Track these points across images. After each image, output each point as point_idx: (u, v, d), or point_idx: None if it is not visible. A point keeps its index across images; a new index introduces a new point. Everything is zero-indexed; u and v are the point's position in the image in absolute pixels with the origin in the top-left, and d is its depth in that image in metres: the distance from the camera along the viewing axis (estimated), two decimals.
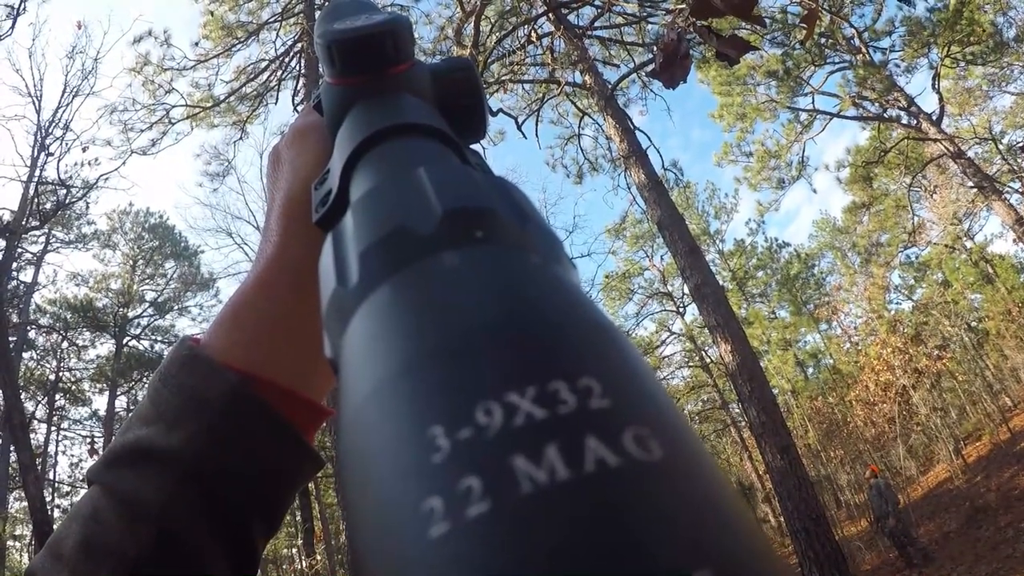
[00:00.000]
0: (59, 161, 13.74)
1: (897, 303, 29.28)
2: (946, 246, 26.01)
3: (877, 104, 20.23)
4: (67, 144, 14.06)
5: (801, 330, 30.76)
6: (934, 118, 19.20)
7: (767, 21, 16.55)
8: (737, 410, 23.89)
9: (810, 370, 30.99)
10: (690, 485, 0.12)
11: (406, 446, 0.13)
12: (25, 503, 24.45)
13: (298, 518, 18.05)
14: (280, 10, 16.39)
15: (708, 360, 26.32)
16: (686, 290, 15.50)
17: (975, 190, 19.92)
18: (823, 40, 19.13)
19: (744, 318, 26.98)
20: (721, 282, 14.75)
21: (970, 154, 20.17)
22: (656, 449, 0.12)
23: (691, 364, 28.03)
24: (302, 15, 15.74)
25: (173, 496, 0.38)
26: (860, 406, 22.06)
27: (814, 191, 29.54)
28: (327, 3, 0.61)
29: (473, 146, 0.36)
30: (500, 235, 0.18)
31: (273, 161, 0.48)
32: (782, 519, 12.11)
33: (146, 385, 0.43)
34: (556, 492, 0.11)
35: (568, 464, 0.11)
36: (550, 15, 13.78)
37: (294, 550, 26.54)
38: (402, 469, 0.12)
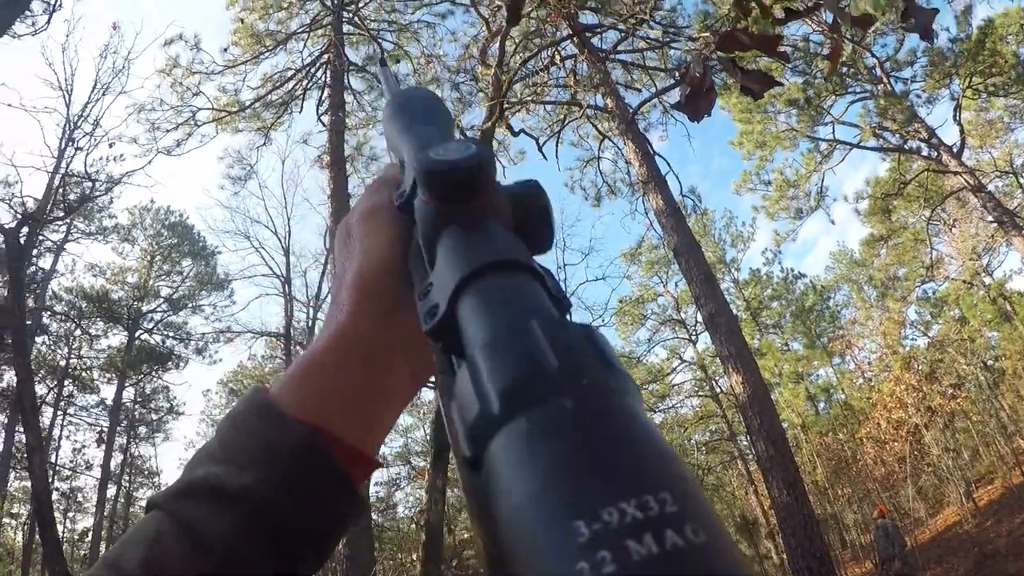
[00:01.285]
0: (86, 155, 13.84)
1: (912, 339, 29.07)
2: (964, 282, 25.81)
3: (898, 135, 20.16)
4: (95, 139, 14.13)
5: (814, 363, 30.60)
6: (955, 150, 19.09)
7: (789, 50, 16.54)
8: (745, 442, 23.76)
9: (821, 405, 30.83)
10: (724, 559, 0.19)
11: (561, 532, 0.19)
12: (23, 483, 24.67)
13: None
14: (308, 21, 16.52)
15: (718, 390, 26.18)
16: (699, 318, 15.42)
17: (995, 225, 19.79)
18: (844, 70, 19.08)
19: (757, 349, 26.85)
20: (735, 311, 14.68)
21: (991, 188, 20.08)
22: (703, 536, 0.19)
23: (701, 393, 27.89)
24: (330, 27, 15.86)
25: (237, 531, 0.41)
26: (870, 444, 21.88)
27: (832, 222, 29.44)
28: (393, 89, 0.66)
29: (553, 274, 0.40)
30: (596, 379, 0.25)
31: (343, 235, 0.53)
32: (785, 556, 11.99)
33: (215, 426, 0.52)
34: (651, 560, 0.18)
35: (657, 544, 0.18)
36: (574, 38, 13.81)
37: None
38: (558, 546, 0.19)
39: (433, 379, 0.45)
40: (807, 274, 33.44)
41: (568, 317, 0.34)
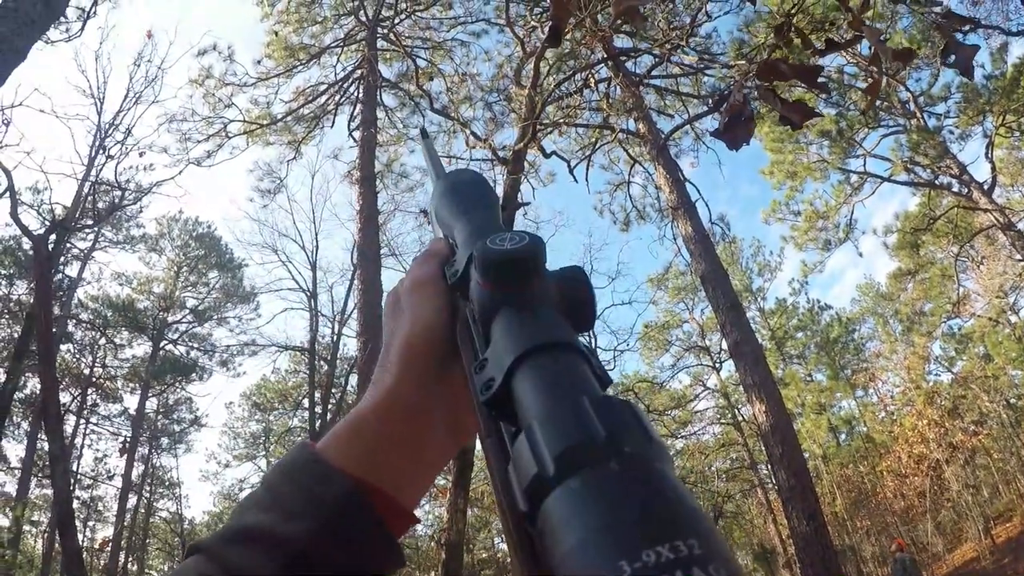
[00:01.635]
0: (116, 163, 13.97)
1: (936, 374, 28.81)
2: (990, 319, 25.57)
3: (929, 170, 20.09)
4: (125, 148, 14.26)
5: (837, 395, 30.40)
6: (985, 187, 18.99)
7: (823, 80, 16.53)
8: (766, 471, 23.58)
9: (843, 436, 30.54)
10: None
11: (608, 570, 0.23)
12: (44, 491, 24.81)
13: None
14: (343, 36, 16.67)
15: (740, 418, 26.04)
16: (724, 346, 15.39)
17: (1023, 263, 19.62)
18: (878, 103, 19.04)
19: (780, 378, 26.69)
20: (760, 340, 14.62)
21: (1020, 226, 19.91)
22: (724, 572, 0.22)
23: (723, 421, 27.73)
24: (364, 43, 15.98)
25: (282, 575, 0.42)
26: (891, 477, 21.72)
27: (860, 254, 29.38)
28: (435, 160, 0.75)
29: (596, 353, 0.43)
30: (637, 447, 0.29)
31: (392, 302, 0.58)
32: None
33: (263, 477, 0.50)
34: None
35: None
36: (608, 62, 13.86)
37: None
38: None
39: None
40: (833, 306, 33.33)
41: (609, 391, 0.37)
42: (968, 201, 19.40)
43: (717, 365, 27.21)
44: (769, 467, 12.76)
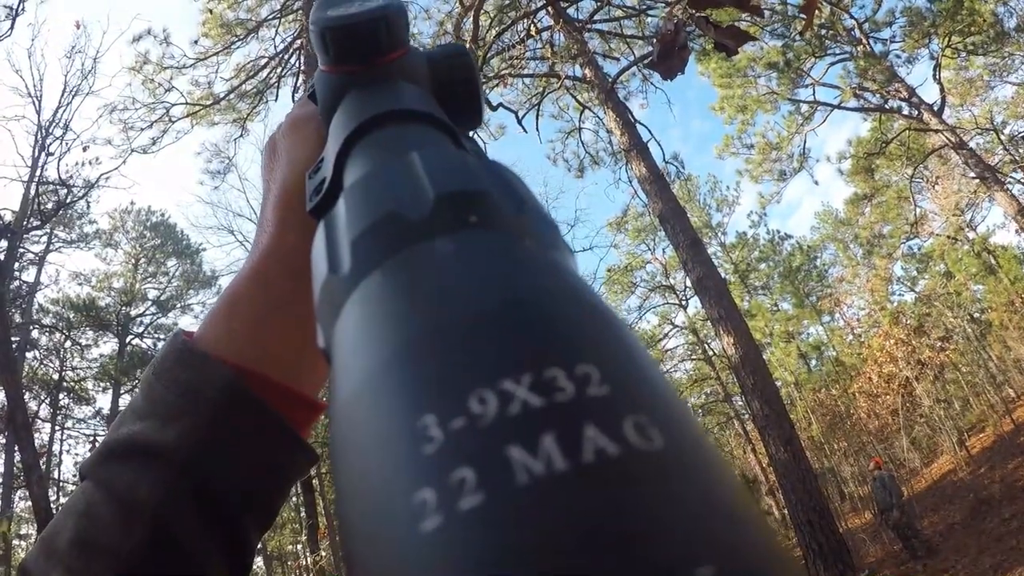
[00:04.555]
0: (60, 161, 13.74)
1: (900, 295, 29.24)
2: (948, 237, 25.94)
3: (878, 95, 20.20)
4: (68, 144, 14.05)
5: (804, 322, 30.72)
6: (935, 109, 19.14)
7: (766, 12, 16.51)
8: (740, 403, 23.85)
9: (813, 362, 30.93)
10: (693, 476, 0.11)
11: (397, 437, 0.12)
12: (28, 503, 24.63)
13: (302, 514, 18.07)
14: (279, 7, 16.37)
15: (711, 353, 26.30)
16: (688, 283, 15.49)
17: (977, 181, 19.87)
18: (823, 31, 19.08)
19: (747, 311, 26.97)
20: (723, 275, 14.74)
21: (972, 145, 20.10)
22: (657, 438, 0.12)
23: (694, 357, 27.99)
24: (301, 11, 15.71)
25: (168, 492, 0.38)
26: (863, 398, 22.07)
27: (816, 183, 29.40)
28: None
29: (476, 140, 0.35)
30: (495, 220, 0.18)
31: (269, 152, 0.47)
32: (786, 512, 12.11)
33: (140, 378, 0.41)
34: (553, 483, 0.11)
35: (566, 454, 0.11)
36: (549, 9, 13.73)
37: (299, 546, 26.61)
38: (393, 460, 0.12)
39: None
40: (793, 235, 33.59)
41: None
42: (919, 123, 19.54)
43: (683, 303, 27.39)
44: (743, 398, 12.90)
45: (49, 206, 14.60)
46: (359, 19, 0.35)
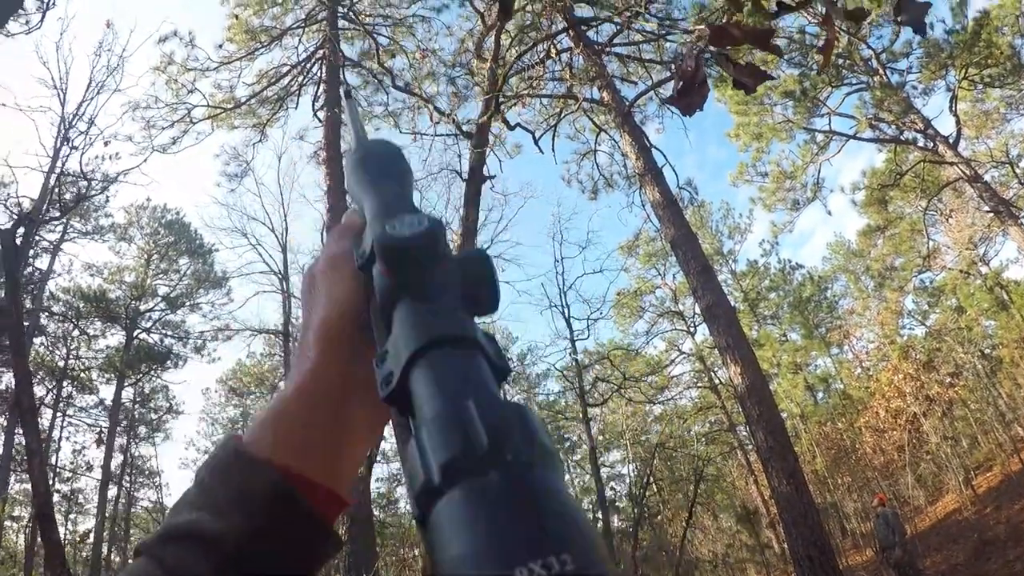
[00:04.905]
0: (82, 154, 13.83)
1: (910, 328, 29.15)
2: (961, 271, 25.85)
3: (894, 126, 20.20)
4: (90, 138, 14.11)
5: (812, 354, 30.67)
6: (951, 141, 19.12)
7: (785, 41, 16.54)
8: (744, 433, 23.81)
9: (820, 395, 30.86)
10: None
11: None
12: (23, 485, 24.70)
13: None
14: (304, 16, 16.48)
15: (717, 381, 26.20)
16: (697, 310, 15.45)
17: (991, 214, 19.80)
18: (840, 61, 19.11)
19: (755, 340, 26.88)
20: (733, 303, 14.69)
21: (987, 178, 20.12)
22: None
23: (700, 385, 27.90)
24: (325, 23, 15.82)
25: (216, 573, 0.44)
26: (869, 433, 21.91)
27: (829, 213, 29.61)
28: (356, 123, 0.72)
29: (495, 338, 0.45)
30: (518, 454, 0.30)
31: (309, 283, 0.57)
32: (786, 545, 12.03)
33: (195, 473, 0.51)
34: None
35: None
36: (570, 31, 13.79)
37: None
38: None
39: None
40: (805, 265, 33.53)
41: (506, 385, 0.39)
42: (934, 155, 19.53)
43: (691, 329, 27.35)
44: (748, 428, 12.85)
45: (68, 197, 14.70)
46: (413, 242, 0.45)
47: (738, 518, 28.31)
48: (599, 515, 22.24)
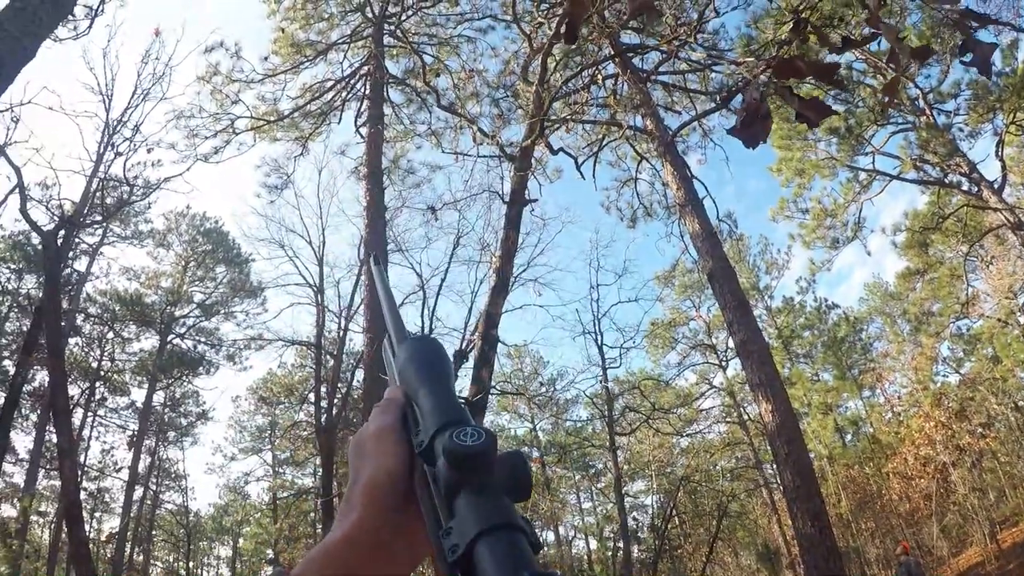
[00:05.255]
0: (125, 160, 14.02)
1: (944, 375, 28.72)
2: (999, 320, 25.44)
3: (938, 168, 19.99)
4: (134, 144, 14.31)
5: (843, 395, 30.31)
6: (996, 186, 18.89)
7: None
8: (771, 471, 23.58)
9: (849, 437, 30.46)
10: None
11: None
12: (51, 482, 24.99)
13: (319, 529, 17.99)
14: (349, 32, 16.65)
15: (746, 417, 26.00)
16: (731, 344, 15.34)
17: None
18: (886, 99, 18.97)
19: (787, 378, 26.62)
20: (767, 339, 14.56)
21: None
22: None
23: (728, 420, 27.70)
24: (370, 39, 15.96)
25: None
26: (897, 479, 21.62)
27: (868, 253, 29.29)
28: (386, 287, 0.89)
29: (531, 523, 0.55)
30: None
31: (357, 446, 0.66)
32: None
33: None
34: None
35: None
36: (616, 58, 13.80)
37: None
38: None
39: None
40: (841, 305, 33.09)
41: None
42: (978, 200, 19.30)
43: (723, 363, 27.20)
44: (774, 467, 12.69)
45: (109, 202, 14.88)
46: (476, 451, 0.55)
47: (759, 556, 28.02)
48: (620, 544, 22.03)
